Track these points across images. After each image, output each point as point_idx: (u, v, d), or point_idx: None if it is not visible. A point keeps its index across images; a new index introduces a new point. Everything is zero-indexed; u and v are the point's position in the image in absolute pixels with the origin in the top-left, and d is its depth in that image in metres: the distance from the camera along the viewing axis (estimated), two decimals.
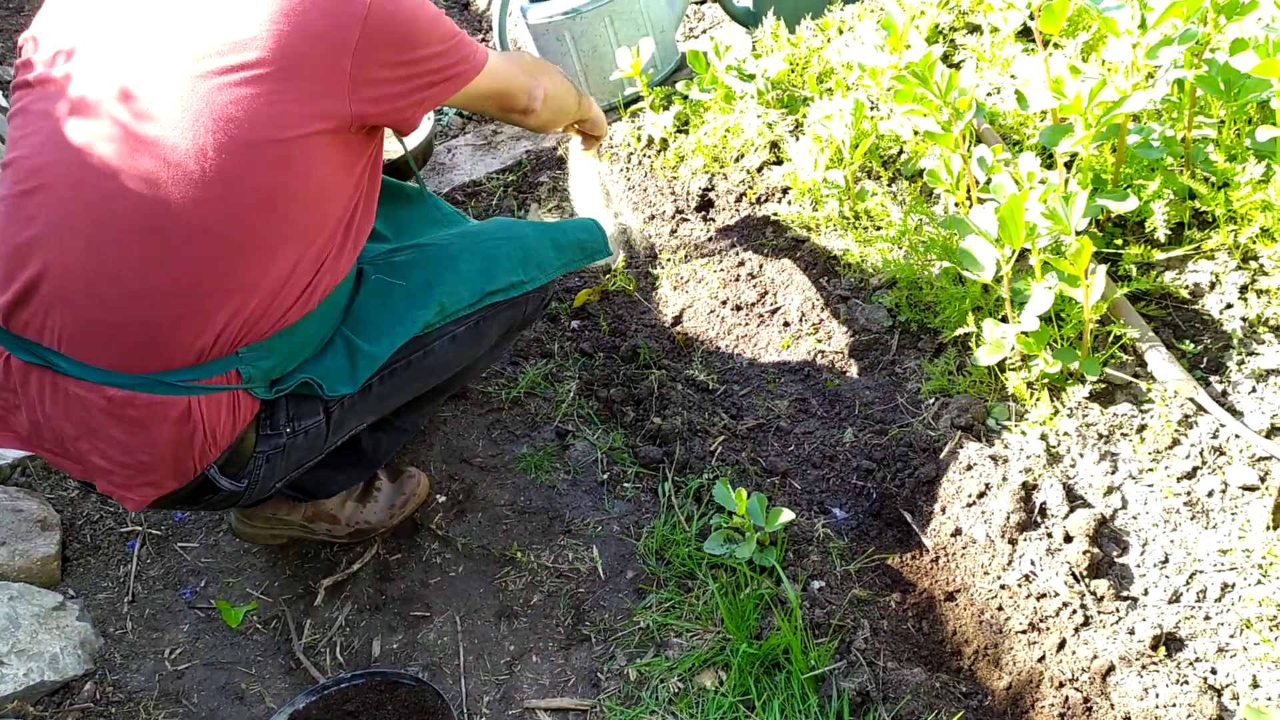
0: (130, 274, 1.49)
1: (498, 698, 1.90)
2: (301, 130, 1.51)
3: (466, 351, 1.98)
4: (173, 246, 1.48)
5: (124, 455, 1.60)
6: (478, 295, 1.93)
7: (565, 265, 2.12)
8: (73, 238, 1.48)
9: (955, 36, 2.86)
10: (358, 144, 1.63)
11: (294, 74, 1.48)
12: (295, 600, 2.13)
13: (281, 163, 1.51)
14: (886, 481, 2.08)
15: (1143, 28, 1.90)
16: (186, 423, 1.57)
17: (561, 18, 3.16)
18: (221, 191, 1.48)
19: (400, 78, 1.60)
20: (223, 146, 1.46)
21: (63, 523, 2.29)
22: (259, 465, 1.73)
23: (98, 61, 1.50)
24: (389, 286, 1.86)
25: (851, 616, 1.82)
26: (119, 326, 1.51)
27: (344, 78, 1.52)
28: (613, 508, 2.18)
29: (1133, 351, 2.03)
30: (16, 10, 4.87)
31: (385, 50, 1.56)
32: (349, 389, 1.75)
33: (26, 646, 1.95)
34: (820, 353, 2.43)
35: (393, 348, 1.80)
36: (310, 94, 1.50)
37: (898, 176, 2.62)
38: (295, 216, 1.56)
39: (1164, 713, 1.56)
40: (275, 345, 1.63)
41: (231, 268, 1.52)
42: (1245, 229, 2.02)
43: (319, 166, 1.56)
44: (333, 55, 1.51)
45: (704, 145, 2.94)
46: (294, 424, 1.74)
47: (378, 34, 1.54)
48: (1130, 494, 1.86)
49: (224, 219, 1.49)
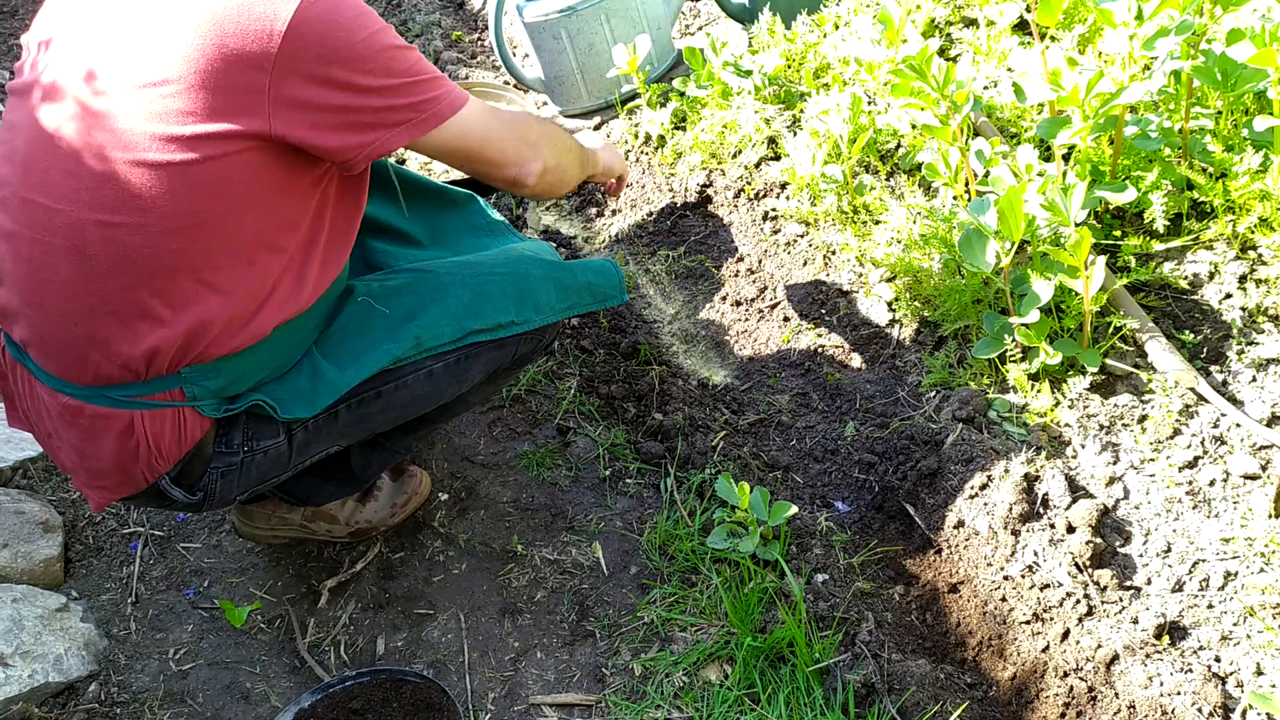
0: (60, 293, 1.49)
1: (503, 694, 1.90)
2: (223, 150, 1.43)
3: (445, 387, 1.87)
4: (98, 269, 1.46)
5: (80, 459, 1.63)
6: (460, 333, 1.82)
7: (568, 309, 1.99)
8: (19, 254, 1.50)
9: (951, 31, 2.86)
10: (301, 167, 1.53)
11: (211, 91, 1.40)
12: (299, 599, 2.13)
13: (203, 183, 1.43)
14: (888, 475, 2.09)
15: (1139, 19, 1.90)
16: (130, 436, 1.57)
17: (557, 15, 3.16)
18: (141, 214, 1.43)
19: (328, 105, 1.47)
20: (142, 166, 1.41)
21: (65, 524, 2.29)
22: (213, 480, 1.70)
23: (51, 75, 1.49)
24: (371, 311, 1.78)
25: (855, 609, 1.83)
26: (56, 343, 1.52)
27: (263, 96, 1.42)
28: (615, 504, 2.19)
29: (1133, 342, 2.03)
30: (11, 14, 4.86)
31: (309, 69, 1.44)
32: (306, 413, 1.68)
33: (31, 648, 1.95)
34: (820, 347, 2.43)
35: (359, 378, 1.72)
36: (227, 112, 1.42)
37: (896, 170, 2.62)
38: (226, 238, 1.49)
39: (1168, 701, 1.56)
40: (223, 367, 1.58)
41: (158, 290, 1.48)
42: (1244, 219, 2.03)
43: (249, 186, 1.47)
44: (250, 72, 1.41)
45: (701, 142, 2.95)
46: (251, 443, 1.69)
47: (301, 52, 1.42)
48: (1132, 484, 1.86)
49: (145, 241, 1.44)
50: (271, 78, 1.41)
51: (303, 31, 1.42)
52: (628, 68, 2.98)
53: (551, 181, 1.85)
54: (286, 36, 1.41)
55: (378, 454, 2.05)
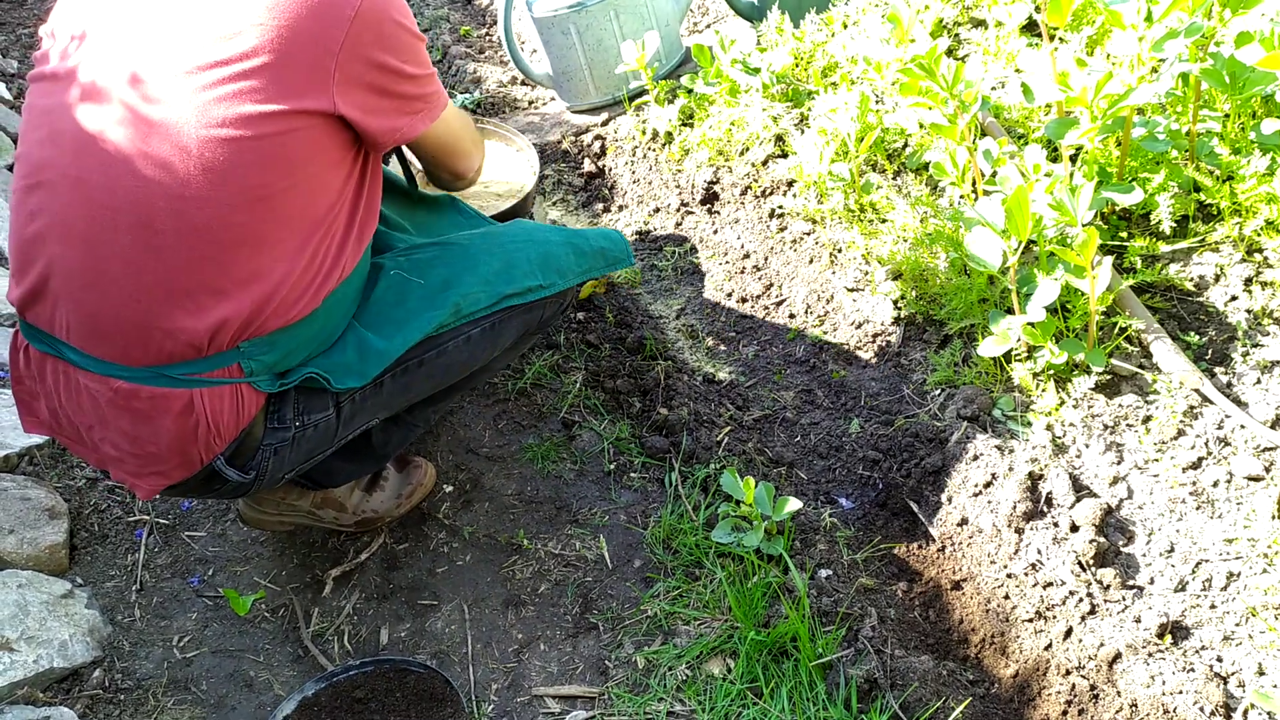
0: (124, 270, 1.50)
1: (506, 685, 1.91)
2: (290, 126, 1.50)
3: (481, 352, 1.96)
4: (165, 243, 1.49)
5: (132, 446, 1.62)
6: (495, 298, 1.91)
7: (586, 272, 2.10)
8: (72, 235, 1.50)
9: (960, 31, 2.87)
10: (347, 144, 1.62)
11: (282, 71, 1.48)
12: (303, 589, 2.14)
13: (270, 158, 1.50)
14: (893, 472, 2.09)
15: (1148, 21, 1.91)
16: (189, 415, 1.58)
17: (567, 11, 3.17)
18: (210, 188, 1.48)
19: (378, 87, 1.59)
20: (211, 142, 1.46)
21: (71, 511, 2.29)
22: (266, 457, 1.74)
23: (99, 59, 1.51)
24: (406, 283, 1.85)
25: (859, 605, 1.83)
26: (117, 322, 1.52)
27: (329, 76, 1.52)
28: (620, 497, 2.19)
29: (1138, 343, 2.04)
30: (19, 3, 4.86)
31: (369, 54, 1.55)
32: (357, 383, 1.75)
33: (36, 634, 1.95)
34: (826, 344, 2.44)
35: (405, 346, 1.79)
36: (298, 91, 1.50)
37: (903, 169, 2.63)
38: (287, 211, 1.56)
39: (1170, 700, 1.57)
40: (278, 340, 1.62)
41: (224, 264, 1.52)
42: (1250, 221, 2.03)
43: (309, 162, 1.55)
44: (320, 54, 1.50)
45: (709, 139, 2.95)
46: (302, 417, 1.74)
47: (365, 36, 1.54)
48: (1136, 484, 1.87)
49: (213, 215, 1.49)
50: (338, 59, 1.52)
51: (368, 18, 1.54)
52: (636, 64, 2.98)
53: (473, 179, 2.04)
54: (355, 21, 1.52)
55: (398, 429, 2.07)
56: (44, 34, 1.63)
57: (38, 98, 1.58)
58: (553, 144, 3.35)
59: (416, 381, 1.89)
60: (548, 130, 3.41)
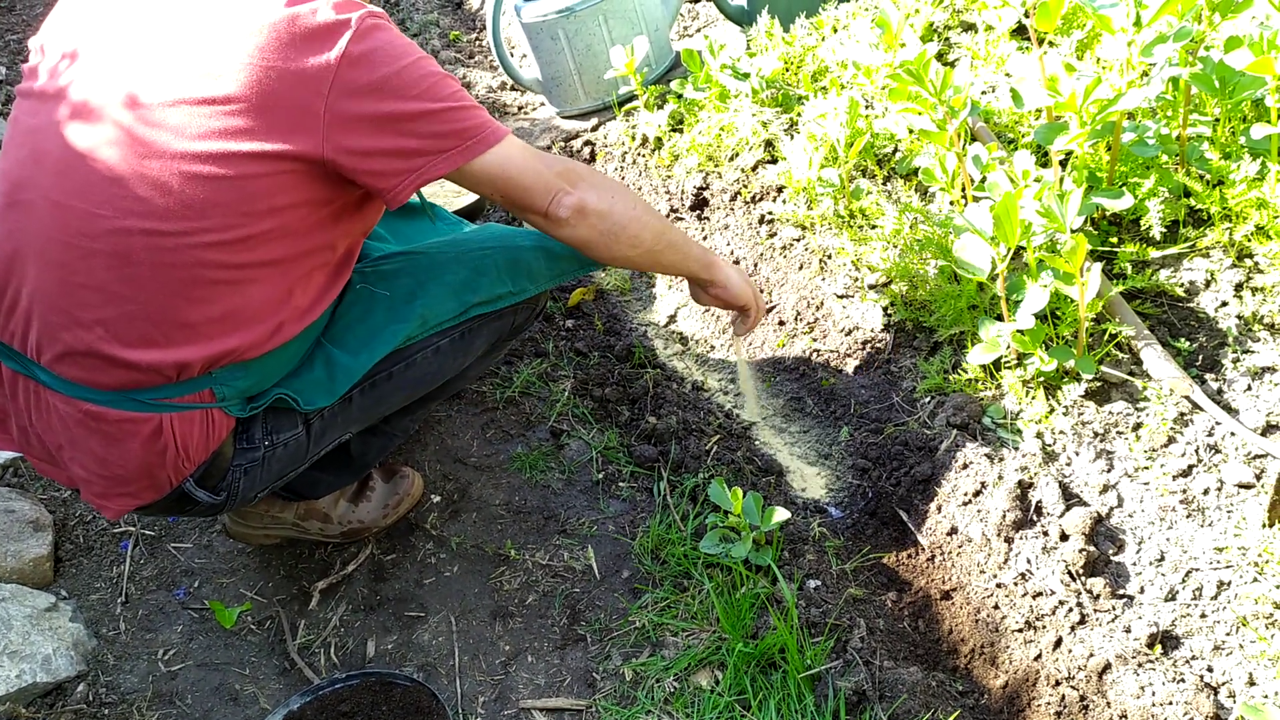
0: (98, 300, 1.48)
1: (493, 698, 1.89)
2: (274, 168, 1.46)
3: (451, 362, 1.93)
4: (141, 275, 1.47)
5: (100, 467, 1.61)
6: (463, 307, 1.87)
7: (559, 276, 2.03)
8: (47, 259, 1.48)
9: (950, 35, 2.86)
10: (338, 186, 1.56)
11: (267, 111, 1.44)
12: (289, 601, 2.12)
13: (251, 199, 1.47)
14: (882, 480, 2.08)
15: (1137, 25, 1.90)
16: (158, 439, 1.57)
17: (555, 16, 3.15)
18: (189, 225, 1.45)
19: (379, 132, 1.49)
20: (193, 179, 1.44)
21: (55, 523, 2.28)
22: (236, 478, 1.72)
23: (89, 83, 1.50)
24: (372, 296, 1.82)
25: (848, 615, 1.82)
26: (87, 347, 1.51)
27: (317, 119, 1.45)
28: (608, 507, 2.18)
29: (1128, 349, 2.03)
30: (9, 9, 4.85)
31: (363, 97, 1.47)
32: (325, 401, 1.73)
33: (19, 648, 1.94)
34: (816, 351, 2.43)
35: (372, 360, 1.77)
36: (282, 131, 1.45)
37: (893, 175, 2.62)
38: (267, 253, 1.53)
39: (1160, 711, 1.56)
40: (253, 367, 1.61)
41: (199, 302, 1.50)
42: (1240, 226, 2.02)
43: (293, 206, 1.51)
44: (306, 94, 1.44)
45: (699, 144, 2.94)
46: (271, 437, 1.73)
47: (357, 75, 1.46)
48: (1126, 492, 1.85)
49: (191, 254, 1.47)
50: (328, 100, 1.45)
51: (357, 56, 1.46)
52: (625, 69, 2.97)
53: (597, 229, 1.76)
54: (343, 60, 1.45)
55: (376, 439, 2.06)
56: (33, 47, 1.62)
57: (24, 115, 1.56)
58: (543, 149, 3.34)
59: (387, 395, 1.87)
60: (537, 136, 3.40)
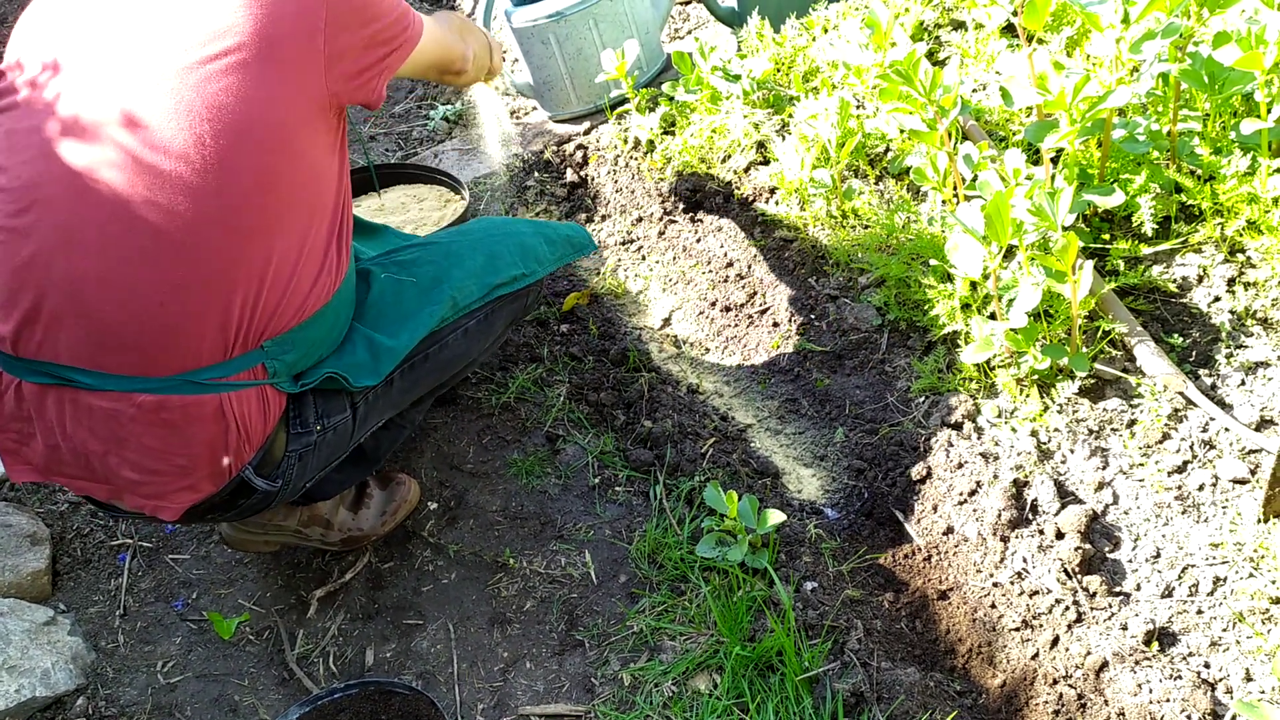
0: (145, 273, 1.48)
1: (492, 705, 1.89)
2: (288, 112, 1.54)
3: (476, 343, 2.03)
4: (182, 240, 1.48)
5: (158, 462, 1.59)
6: (486, 289, 1.98)
7: (559, 259, 2.18)
8: (80, 244, 1.47)
9: (940, 33, 2.86)
10: (334, 125, 1.66)
11: (274, 57, 1.51)
12: (288, 610, 2.12)
13: (274, 145, 1.53)
14: (878, 481, 2.08)
15: (1126, 22, 1.90)
16: (220, 421, 1.58)
17: (546, 21, 3.15)
18: (220, 178, 1.49)
19: (363, 51, 1.63)
20: (218, 134, 1.48)
21: (53, 537, 2.28)
22: (291, 464, 1.75)
23: (85, 73, 1.50)
24: (399, 283, 1.90)
25: (845, 617, 1.82)
26: (140, 328, 1.50)
27: (319, 57, 1.56)
28: (604, 512, 2.18)
29: (1122, 346, 2.03)
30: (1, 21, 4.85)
31: (350, 26, 1.59)
32: (372, 381, 1.79)
33: (18, 662, 1.94)
34: (810, 352, 2.43)
35: (413, 341, 1.85)
36: (291, 75, 1.53)
37: (884, 175, 2.62)
38: (293, 197, 1.58)
39: (1158, 708, 1.56)
40: (296, 338, 1.64)
41: (241, 254, 1.53)
42: (1232, 222, 2.02)
43: (309, 147, 1.59)
44: (307, 36, 1.54)
45: (691, 146, 2.94)
46: (324, 420, 1.76)
47: (342, 10, 1.58)
48: (1121, 489, 1.85)
49: (226, 205, 1.50)
50: (325, 37, 1.55)
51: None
52: (616, 73, 2.97)
53: (479, 66, 2.08)
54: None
55: (387, 432, 2.08)
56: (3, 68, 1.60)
57: (15, 122, 1.53)
58: (535, 154, 3.34)
59: (422, 376, 1.95)
60: (530, 140, 3.40)
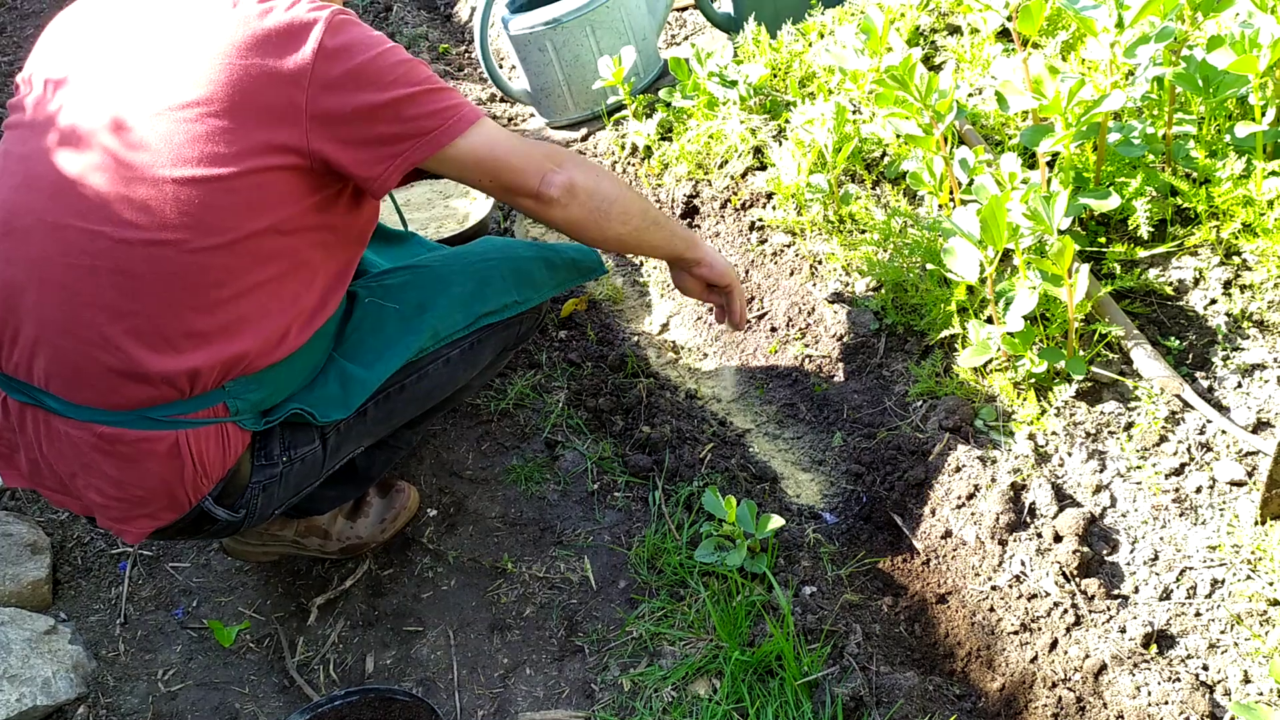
0: (104, 318, 1.49)
1: (492, 711, 1.90)
2: (260, 163, 1.48)
3: (461, 372, 1.95)
4: (144, 288, 1.48)
5: (117, 490, 1.61)
6: (471, 318, 1.90)
7: (559, 284, 2.08)
8: (49, 281, 1.49)
9: (936, 38, 2.87)
10: (329, 181, 1.58)
11: (246, 108, 1.46)
12: (288, 618, 2.13)
13: (244, 198, 1.48)
14: (876, 485, 2.08)
15: (1120, 26, 1.90)
16: (176, 457, 1.57)
17: (543, 28, 3.16)
18: (187, 232, 1.47)
19: (361, 120, 1.52)
20: (185, 184, 1.46)
21: (53, 545, 2.28)
22: (255, 495, 1.73)
23: (78, 106, 1.51)
24: (381, 310, 1.84)
25: (843, 621, 1.82)
26: (98, 367, 1.51)
27: (299, 112, 1.49)
28: (603, 517, 2.18)
29: (1118, 349, 2.03)
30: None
31: (342, 87, 1.50)
32: (341, 415, 1.74)
33: (18, 671, 1.94)
34: (807, 357, 2.43)
35: (386, 373, 1.79)
36: (264, 127, 1.48)
37: (881, 179, 2.62)
38: (265, 253, 1.54)
39: (1156, 710, 1.56)
40: (265, 378, 1.62)
41: (204, 309, 1.51)
42: (1227, 225, 2.03)
43: (286, 202, 1.53)
44: (285, 88, 1.48)
45: (688, 152, 2.95)
46: (289, 452, 1.73)
47: (332, 71, 1.49)
48: (1119, 492, 1.86)
49: (191, 259, 1.48)
50: (308, 93, 1.48)
51: (333, 50, 1.50)
52: (613, 79, 2.98)
53: (587, 206, 1.76)
54: (319, 54, 1.48)
55: (381, 452, 2.07)
56: (20, 81, 1.63)
57: (13, 145, 1.57)
58: None
59: (399, 407, 1.89)
60: None
